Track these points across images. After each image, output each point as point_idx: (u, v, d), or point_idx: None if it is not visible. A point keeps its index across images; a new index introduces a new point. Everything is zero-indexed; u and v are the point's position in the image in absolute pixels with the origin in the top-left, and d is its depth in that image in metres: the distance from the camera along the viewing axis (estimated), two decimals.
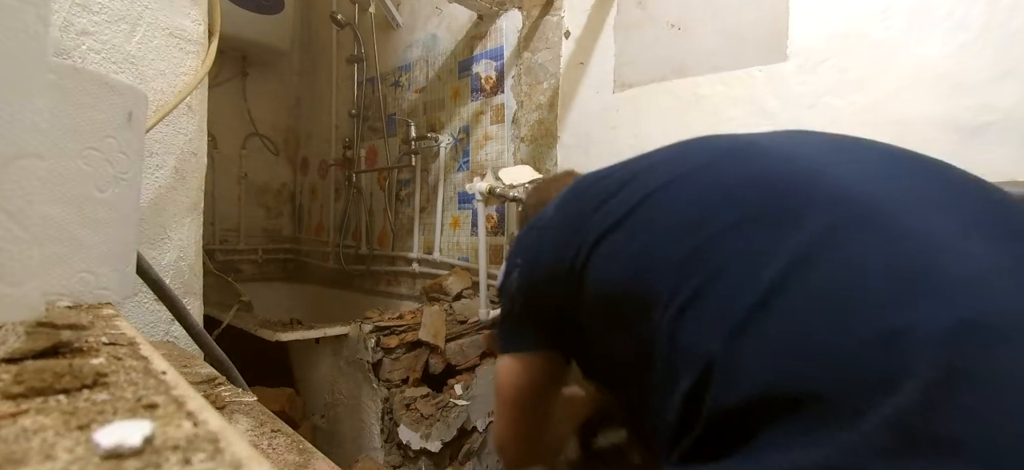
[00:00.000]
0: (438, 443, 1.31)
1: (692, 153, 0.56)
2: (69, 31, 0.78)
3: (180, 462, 0.18)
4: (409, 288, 2.08)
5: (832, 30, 1.13)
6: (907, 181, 0.46)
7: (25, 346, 0.27)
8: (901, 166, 0.51)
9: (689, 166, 0.53)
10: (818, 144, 0.53)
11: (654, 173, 0.55)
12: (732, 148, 0.54)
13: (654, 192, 0.52)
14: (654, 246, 0.49)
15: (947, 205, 0.43)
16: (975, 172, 1.00)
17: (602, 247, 0.54)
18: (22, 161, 0.30)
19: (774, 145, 0.52)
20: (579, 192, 0.64)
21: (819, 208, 0.42)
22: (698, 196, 0.49)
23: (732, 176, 0.49)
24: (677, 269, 0.45)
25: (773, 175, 0.47)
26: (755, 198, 0.45)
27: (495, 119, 1.79)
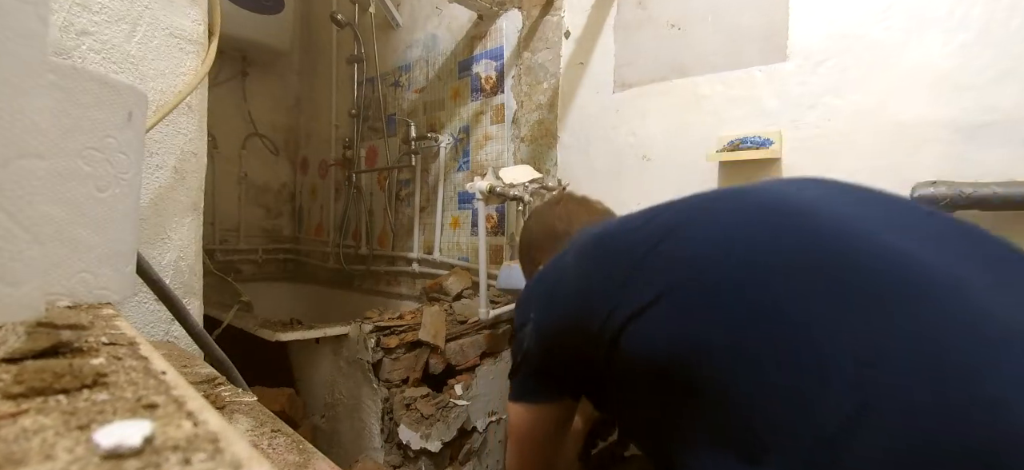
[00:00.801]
0: (438, 443, 1.31)
1: (726, 212, 0.54)
2: (69, 31, 0.78)
3: (180, 462, 0.18)
4: (409, 288, 2.08)
5: (832, 30, 1.13)
6: (969, 262, 0.45)
7: (25, 346, 0.27)
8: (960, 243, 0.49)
9: (728, 230, 0.51)
10: (856, 205, 0.52)
11: (691, 237, 0.53)
12: (769, 207, 0.52)
13: (698, 261, 0.50)
14: (710, 319, 0.47)
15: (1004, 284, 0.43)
16: (974, 173, 1.00)
17: (641, 319, 0.51)
18: (22, 161, 0.30)
19: (813, 209, 0.50)
20: (602, 249, 0.62)
21: (892, 298, 0.40)
22: (747, 272, 0.47)
23: (783, 249, 0.47)
24: (747, 344, 0.44)
25: (827, 244, 0.45)
26: (813, 273, 0.44)
27: (495, 119, 1.79)
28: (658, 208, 0.62)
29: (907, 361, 0.37)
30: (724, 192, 0.60)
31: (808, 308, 0.42)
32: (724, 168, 1.29)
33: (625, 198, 1.48)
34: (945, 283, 0.41)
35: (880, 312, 0.40)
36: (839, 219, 0.48)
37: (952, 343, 0.37)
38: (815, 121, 1.16)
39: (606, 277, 0.57)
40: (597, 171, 1.54)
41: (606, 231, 0.64)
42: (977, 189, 0.94)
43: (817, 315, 0.42)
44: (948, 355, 0.37)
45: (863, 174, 1.10)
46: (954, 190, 0.96)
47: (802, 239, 0.47)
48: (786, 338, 0.42)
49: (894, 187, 1.06)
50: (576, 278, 0.62)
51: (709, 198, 0.59)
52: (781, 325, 0.43)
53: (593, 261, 0.61)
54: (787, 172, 1.19)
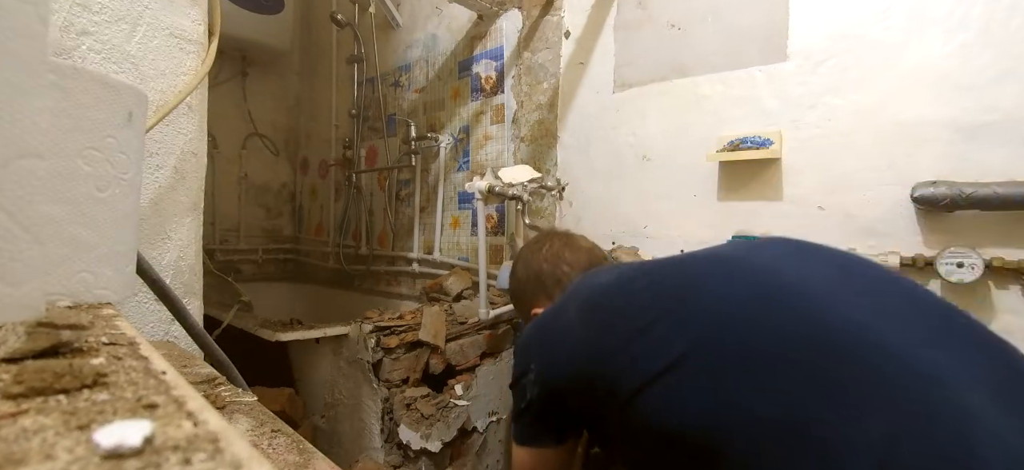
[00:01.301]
0: (438, 443, 1.31)
1: (735, 282, 0.57)
2: (69, 31, 0.78)
3: (180, 462, 0.18)
4: (409, 288, 2.08)
5: (832, 30, 1.13)
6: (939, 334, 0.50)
7: (25, 346, 0.27)
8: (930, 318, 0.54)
9: (740, 303, 0.54)
10: (847, 282, 0.56)
11: (701, 302, 0.56)
12: (774, 285, 0.55)
13: (713, 331, 0.53)
14: (729, 394, 0.49)
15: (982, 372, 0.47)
16: (974, 173, 1.00)
17: (660, 384, 0.54)
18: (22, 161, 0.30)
19: (819, 284, 0.54)
20: (605, 310, 0.64)
21: (890, 373, 0.45)
22: (759, 342, 0.50)
23: (793, 323, 0.51)
24: (766, 425, 0.47)
25: (834, 330, 0.49)
26: (827, 356, 0.47)
27: (495, 119, 1.79)
28: (657, 269, 0.65)
29: (923, 446, 0.42)
30: (720, 261, 0.62)
31: (820, 398, 0.46)
32: (724, 168, 1.29)
33: (625, 198, 1.48)
34: (933, 373, 0.45)
35: (892, 406, 0.44)
36: (835, 307, 0.52)
37: (951, 429, 0.42)
38: (815, 121, 1.16)
39: (610, 329, 0.60)
40: (597, 171, 1.54)
41: (607, 290, 0.66)
42: (977, 189, 0.94)
43: (830, 405, 0.45)
44: (953, 440, 0.41)
45: (863, 174, 1.10)
46: (954, 190, 0.96)
47: (804, 326, 0.50)
48: (798, 427, 0.45)
49: (894, 187, 1.06)
50: (581, 339, 0.63)
51: (709, 264, 0.62)
52: (793, 409, 0.46)
53: (597, 322, 0.63)
54: (787, 172, 1.19)
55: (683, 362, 0.52)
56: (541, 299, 0.84)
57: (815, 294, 0.52)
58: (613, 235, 1.50)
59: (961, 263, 0.95)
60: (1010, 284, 0.95)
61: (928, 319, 0.52)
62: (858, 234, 1.11)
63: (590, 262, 0.84)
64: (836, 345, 0.48)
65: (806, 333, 0.49)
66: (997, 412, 0.43)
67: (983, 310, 0.98)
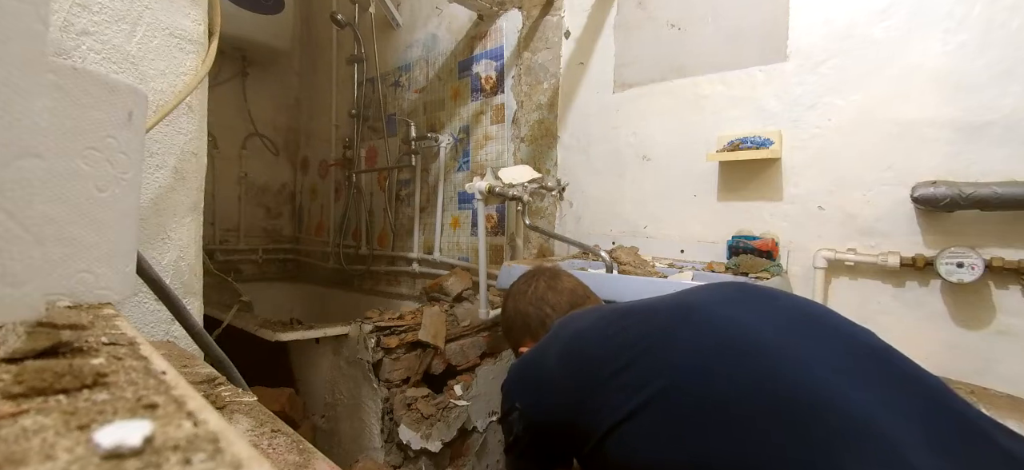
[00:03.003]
0: (438, 443, 1.31)
1: (705, 332, 0.61)
2: (69, 31, 0.78)
3: (180, 462, 0.18)
4: (409, 288, 2.08)
5: (832, 30, 1.13)
6: (887, 390, 0.54)
7: (25, 346, 0.27)
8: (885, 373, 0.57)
9: (703, 354, 0.58)
10: (816, 343, 0.59)
11: (668, 348, 0.60)
12: (734, 337, 0.59)
13: (678, 377, 0.57)
14: (688, 439, 0.53)
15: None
16: (974, 172, 1.00)
17: (627, 427, 0.57)
18: (22, 161, 0.30)
19: (778, 337, 0.58)
20: (581, 356, 0.68)
21: (840, 426, 0.48)
22: (719, 389, 0.54)
23: (751, 374, 0.54)
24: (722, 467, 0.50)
25: (791, 384, 0.53)
26: (782, 408, 0.51)
27: (495, 119, 1.79)
28: (630, 315, 0.69)
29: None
30: (686, 310, 0.66)
31: (770, 445, 0.49)
32: (724, 168, 1.29)
33: (625, 198, 1.48)
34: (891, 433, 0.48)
35: (839, 452, 0.47)
36: (798, 366, 0.55)
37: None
38: (815, 121, 1.16)
39: (590, 373, 0.64)
40: (597, 171, 1.54)
41: (584, 335, 0.71)
42: (977, 189, 0.94)
43: (779, 453, 0.48)
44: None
45: (863, 174, 1.10)
46: (954, 190, 0.96)
47: (758, 379, 0.54)
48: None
49: (894, 187, 1.06)
50: (560, 384, 0.68)
51: (677, 312, 0.66)
52: (746, 455, 0.49)
53: (574, 367, 0.68)
54: (787, 172, 1.19)
55: (648, 406, 0.57)
56: (527, 339, 0.91)
57: (768, 348, 0.57)
58: (613, 235, 1.50)
59: (961, 263, 0.95)
60: (1010, 284, 0.95)
61: (862, 361, 0.56)
62: (858, 234, 1.11)
63: (571, 304, 0.89)
64: (789, 399, 0.51)
65: (760, 386, 0.53)
66: (928, 452, 0.46)
67: (983, 310, 0.98)
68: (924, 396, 0.53)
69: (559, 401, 0.67)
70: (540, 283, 0.94)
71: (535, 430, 0.71)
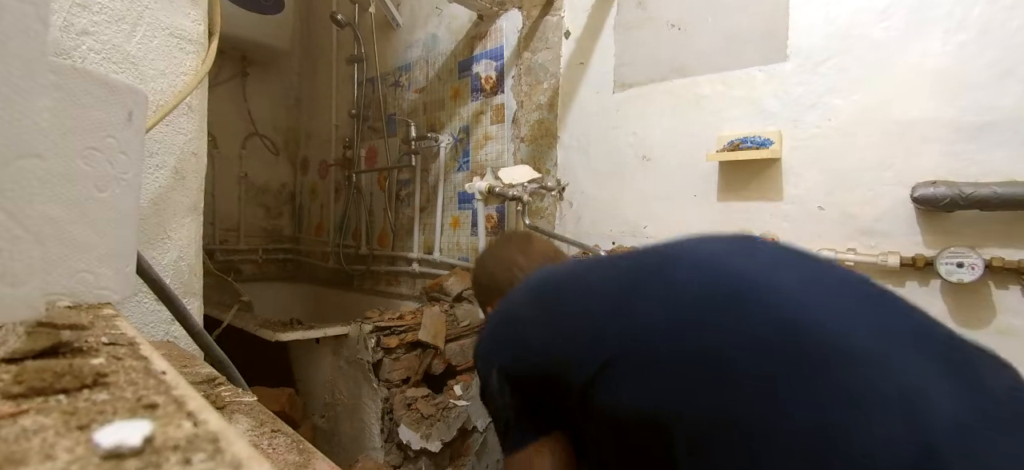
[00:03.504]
0: (438, 443, 1.31)
1: (684, 277, 0.58)
2: (69, 31, 0.78)
3: (180, 462, 0.18)
4: (409, 288, 2.08)
5: (832, 30, 1.13)
6: (883, 321, 0.52)
7: (25, 346, 0.27)
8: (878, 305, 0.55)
9: (692, 291, 0.55)
10: (808, 286, 0.56)
11: (655, 291, 0.57)
12: (724, 282, 0.56)
13: (666, 318, 0.54)
14: (677, 382, 0.50)
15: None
16: (974, 172, 1.00)
17: (615, 370, 0.54)
18: (22, 161, 0.30)
19: (770, 276, 0.55)
20: (561, 292, 0.65)
21: (832, 359, 0.46)
22: (709, 333, 0.51)
23: (741, 315, 0.52)
24: (711, 411, 0.48)
25: (781, 321, 0.50)
26: (774, 346, 0.48)
27: (495, 119, 1.79)
28: (612, 263, 0.65)
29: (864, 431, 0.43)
30: (675, 258, 0.63)
31: (772, 390, 0.46)
32: (724, 168, 1.29)
33: (625, 198, 1.48)
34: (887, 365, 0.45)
35: (832, 398, 0.44)
36: (794, 305, 0.52)
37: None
38: (815, 121, 1.16)
39: (570, 321, 0.60)
40: (597, 171, 1.54)
41: (564, 282, 0.67)
42: (977, 189, 0.94)
43: (783, 399, 0.46)
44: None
45: (863, 174, 1.10)
46: (954, 190, 0.96)
47: (750, 325, 0.51)
48: (747, 418, 0.46)
49: (894, 187, 1.06)
50: (541, 331, 0.64)
51: (665, 261, 0.62)
52: (744, 404, 0.47)
53: (552, 304, 0.64)
54: (787, 172, 1.19)
55: (638, 348, 0.54)
56: (495, 298, 0.86)
57: (764, 292, 0.53)
58: (613, 235, 1.50)
59: (961, 263, 0.95)
60: (1010, 284, 0.95)
61: (870, 306, 0.54)
62: (858, 234, 1.11)
63: (542, 265, 0.84)
64: (782, 342, 0.49)
65: (752, 331, 0.50)
66: (942, 384, 0.44)
67: (983, 310, 0.98)
68: (935, 337, 0.50)
69: (537, 352, 0.63)
70: (511, 245, 0.91)
71: (520, 388, 0.66)
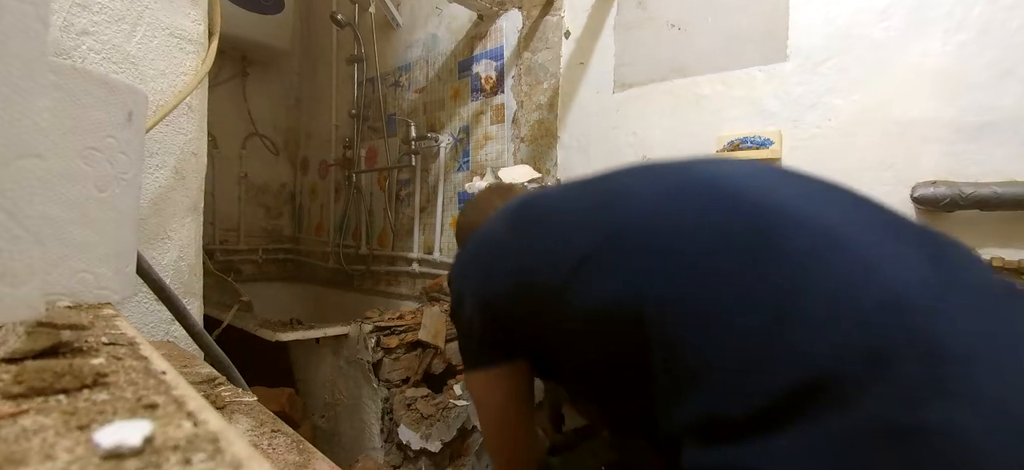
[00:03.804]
0: (438, 443, 1.31)
1: (664, 178, 0.60)
2: (69, 31, 0.78)
3: (180, 462, 0.18)
4: (409, 288, 2.08)
5: (832, 30, 1.13)
6: (851, 209, 0.55)
7: (25, 346, 0.27)
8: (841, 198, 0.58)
9: (667, 190, 0.57)
10: (776, 178, 0.58)
11: (633, 196, 0.59)
12: (702, 176, 0.58)
13: (641, 215, 0.56)
14: (652, 268, 0.52)
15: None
16: (974, 172, 1.00)
17: (590, 266, 0.56)
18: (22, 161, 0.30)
19: (742, 177, 0.57)
20: (538, 212, 0.66)
21: (796, 234, 0.48)
22: (684, 223, 0.53)
23: (714, 207, 0.53)
24: (683, 292, 0.49)
25: (749, 208, 0.52)
26: (741, 230, 0.50)
27: (495, 119, 1.79)
28: (593, 179, 0.67)
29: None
30: (657, 169, 0.64)
31: (722, 273, 0.48)
32: None
33: None
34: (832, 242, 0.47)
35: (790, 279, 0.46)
36: (762, 192, 0.53)
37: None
38: (815, 121, 1.16)
39: (547, 234, 0.62)
40: (597, 171, 1.54)
41: (540, 202, 0.69)
42: (977, 189, 0.94)
43: (727, 280, 0.48)
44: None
45: (863, 174, 1.10)
46: (954, 190, 0.96)
47: (718, 215, 0.52)
48: (707, 299, 0.48)
49: (894, 187, 1.06)
50: (517, 246, 0.66)
51: (644, 171, 0.64)
52: (707, 287, 0.48)
53: (529, 223, 0.66)
54: None
55: (614, 244, 0.55)
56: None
57: (737, 187, 0.55)
58: None
59: None
60: None
61: (849, 201, 0.56)
62: None
63: None
64: (746, 230, 0.50)
65: (719, 220, 0.52)
66: (911, 255, 0.46)
67: None
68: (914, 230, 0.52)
69: (514, 269, 0.64)
70: (492, 193, 0.95)
71: (490, 309, 0.68)
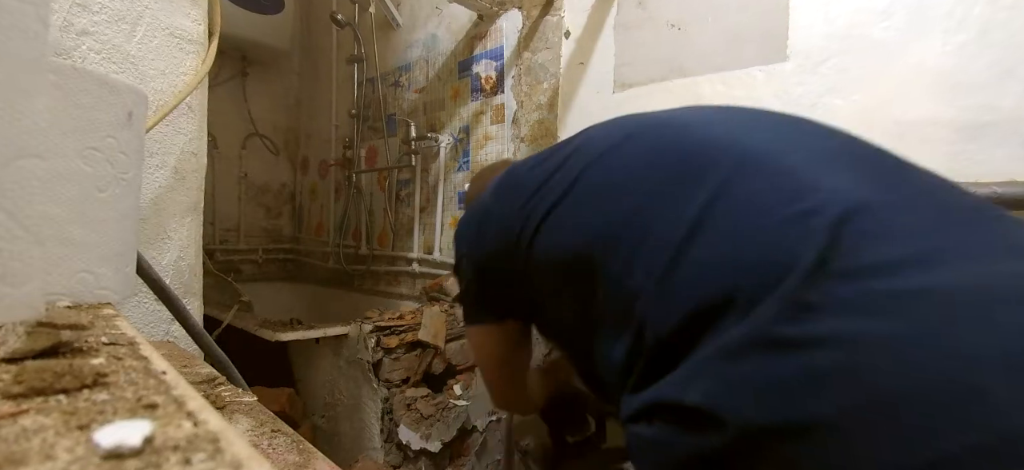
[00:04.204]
0: (438, 443, 1.31)
1: (617, 128, 0.64)
2: (69, 31, 0.78)
3: (180, 462, 0.18)
4: (409, 288, 2.08)
5: (832, 30, 1.13)
6: (798, 136, 0.57)
7: (25, 346, 0.27)
8: (798, 128, 0.61)
9: (616, 139, 0.61)
10: (737, 117, 0.62)
11: (587, 149, 0.63)
12: (652, 122, 0.63)
13: (590, 165, 0.60)
14: (595, 211, 0.55)
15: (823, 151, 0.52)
16: (974, 172, 1.00)
17: (549, 220, 0.60)
18: (22, 161, 0.30)
19: (692, 118, 0.61)
20: (515, 179, 0.71)
21: (724, 161, 0.50)
22: (626, 164, 0.56)
23: (655, 145, 0.57)
24: (617, 228, 0.52)
25: (687, 142, 0.54)
26: (674, 162, 0.53)
27: (495, 119, 1.79)
28: (566, 140, 0.72)
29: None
30: (622, 119, 0.69)
31: (656, 201, 0.51)
32: None
33: None
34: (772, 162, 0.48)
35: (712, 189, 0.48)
36: (713, 126, 0.57)
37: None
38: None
39: (520, 194, 0.66)
40: None
41: (518, 164, 0.74)
42: (977, 189, 0.94)
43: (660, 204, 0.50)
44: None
45: None
46: None
47: (672, 142, 0.55)
48: (640, 227, 0.51)
49: None
50: (495, 206, 0.71)
51: (608, 122, 0.69)
52: (635, 221, 0.51)
53: (509, 189, 0.70)
54: None
55: (567, 195, 0.59)
56: None
57: (692, 123, 0.58)
58: None
59: None
60: None
61: (835, 144, 0.57)
62: None
63: None
64: (678, 160, 0.52)
65: (661, 151, 0.55)
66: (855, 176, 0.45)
67: None
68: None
69: (494, 230, 0.69)
70: (495, 166, 1.00)
71: (481, 272, 0.73)
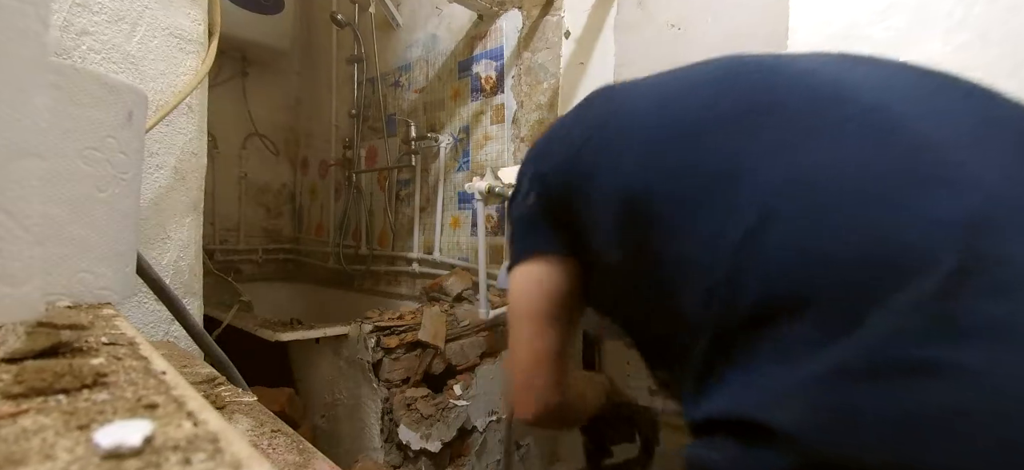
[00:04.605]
0: (438, 443, 1.31)
1: (705, 66, 0.58)
2: (69, 31, 0.78)
3: (180, 462, 0.18)
4: (409, 288, 2.08)
5: (832, 30, 1.13)
6: (934, 97, 0.48)
7: (25, 346, 0.27)
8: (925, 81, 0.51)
9: (695, 82, 0.56)
10: (843, 63, 0.53)
11: (670, 87, 0.57)
12: (737, 63, 0.55)
13: (657, 111, 0.54)
14: (665, 154, 0.48)
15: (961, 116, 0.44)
16: None
17: (607, 161, 0.53)
18: (22, 161, 0.30)
19: (790, 63, 0.52)
20: (593, 105, 0.64)
21: (829, 112, 0.42)
22: (691, 111, 0.50)
23: (733, 98, 0.49)
24: (689, 177, 0.45)
25: (781, 87, 0.47)
26: (783, 105, 0.44)
27: (495, 119, 1.79)
28: (672, 72, 0.65)
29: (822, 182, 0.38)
30: (719, 60, 0.61)
31: (734, 151, 0.43)
32: None
33: None
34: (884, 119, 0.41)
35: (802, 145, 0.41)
36: (817, 73, 0.48)
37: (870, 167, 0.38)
38: None
39: (596, 121, 0.60)
40: None
41: (605, 89, 0.67)
42: None
43: (743, 157, 0.43)
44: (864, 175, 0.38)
45: None
46: None
47: (750, 91, 0.48)
48: (702, 185, 0.44)
49: None
50: (575, 132, 0.62)
51: (704, 64, 0.62)
52: (701, 173, 0.44)
53: (588, 109, 0.64)
54: None
55: (636, 137, 0.53)
56: None
57: (781, 65, 0.50)
58: None
59: None
60: None
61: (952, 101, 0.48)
62: None
63: None
64: (777, 98, 0.45)
65: (750, 96, 0.47)
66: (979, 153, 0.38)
67: None
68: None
69: (564, 149, 0.60)
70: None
71: (547, 194, 0.60)
